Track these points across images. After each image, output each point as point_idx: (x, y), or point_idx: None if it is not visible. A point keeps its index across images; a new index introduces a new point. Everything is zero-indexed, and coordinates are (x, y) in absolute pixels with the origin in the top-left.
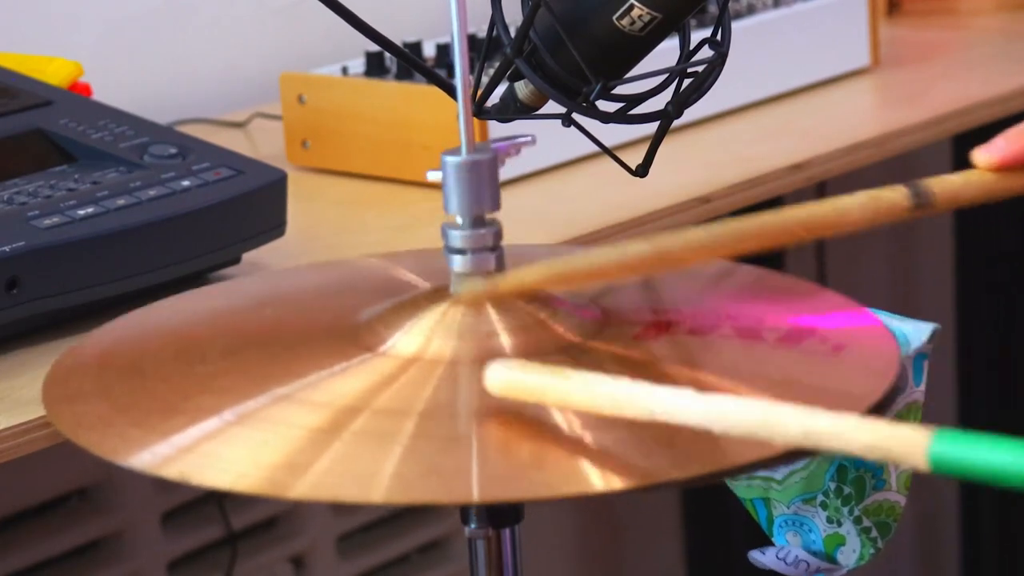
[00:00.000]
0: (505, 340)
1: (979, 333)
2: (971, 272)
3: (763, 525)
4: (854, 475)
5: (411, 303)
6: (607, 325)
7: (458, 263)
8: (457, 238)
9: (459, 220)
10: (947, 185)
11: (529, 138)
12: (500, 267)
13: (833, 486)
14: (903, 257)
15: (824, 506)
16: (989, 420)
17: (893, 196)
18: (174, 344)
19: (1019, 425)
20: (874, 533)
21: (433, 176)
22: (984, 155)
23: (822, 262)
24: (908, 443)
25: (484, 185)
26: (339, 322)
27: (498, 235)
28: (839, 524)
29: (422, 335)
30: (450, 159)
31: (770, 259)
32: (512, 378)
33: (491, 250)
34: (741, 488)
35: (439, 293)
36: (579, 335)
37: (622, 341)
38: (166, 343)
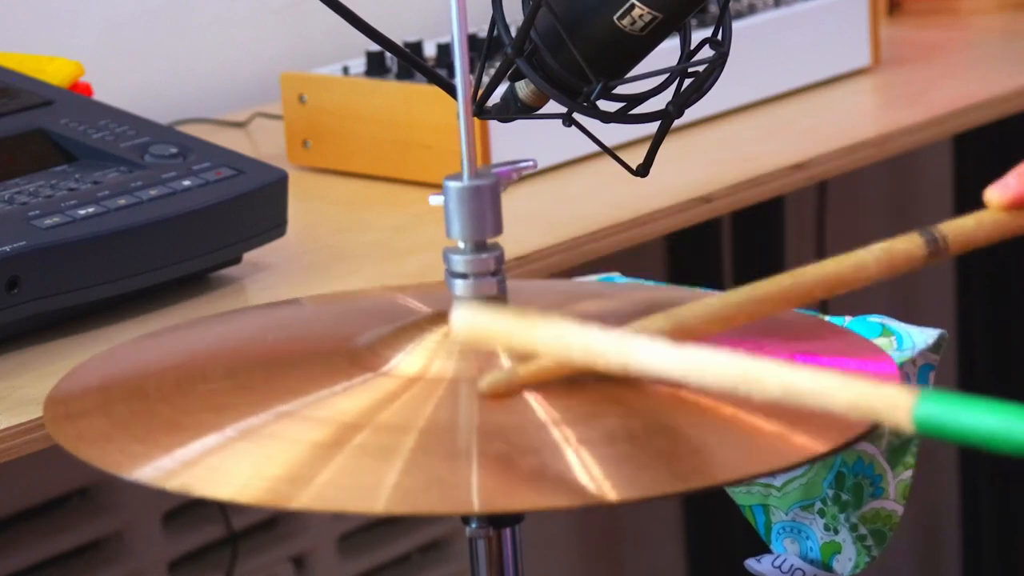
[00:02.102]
0: (506, 360)
1: (980, 340)
2: (972, 279)
3: (761, 532)
4: (852, 482)
5: (413, 326)
6: None
7: (460, 287)
8: (459, 263)
9: (461, 245)
10: (960, 229)
11: (531, 163)
12: (501, 292)
13: (831, 493)
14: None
15: (822, 513)
16: None
17: (908, 247)
18: (176, 366)
19: None
20: (869, 541)
21: (435, 201)
22: (996, 193)
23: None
24: (892, 402)
25: (486, 210)
26: (342, 344)
27: (500, 259)
28: (836, 532)
29: (424, 356)
30: (452, 184)
31: (770, 266)
32: (478, 322)
33: (493, 275)
34: (740, 495)
35: (441, 317)
36: None
37: None
38: (168, 365)
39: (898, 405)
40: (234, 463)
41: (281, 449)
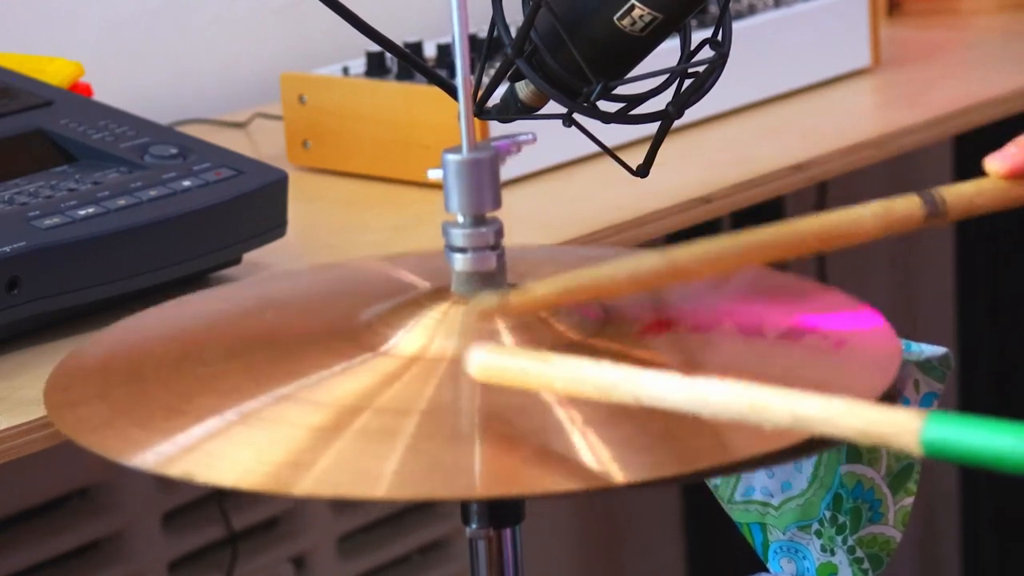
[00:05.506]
0: (507, 338)
1: (981, 353)
2: (972, 291)
3: (758, 550)
4: (851, 505)
5: (412, 303)
6: (609, 323)
7: (459, 261)
8: (458, 236)
9: (460, 218)
10: (960, 193)
11: (530, 136)
12: (501, 266)
13: (828, 515)
14: (903, 278)
15: (819, 534)
16: None
17: (906, 205)
18: (175, 348)
19: None
20: (866, 564)
21: (434, 175)
22: (996, 162)
23: (823, 277)
24: (900, 427)
25: (485, 183)
26: (341, 323)
27: (499, 233)
28: (832, 553)
29: (424, 334)
30: (451, 157)
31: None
32: (493, 362)
33: (492, 248)
34: (738, 512)
35: (440, 293)
36: (581, 333)
37: (623, 339)
38: (167, 347)
39: (906, 429)
40: (234, 448)
41: (282, 434)
